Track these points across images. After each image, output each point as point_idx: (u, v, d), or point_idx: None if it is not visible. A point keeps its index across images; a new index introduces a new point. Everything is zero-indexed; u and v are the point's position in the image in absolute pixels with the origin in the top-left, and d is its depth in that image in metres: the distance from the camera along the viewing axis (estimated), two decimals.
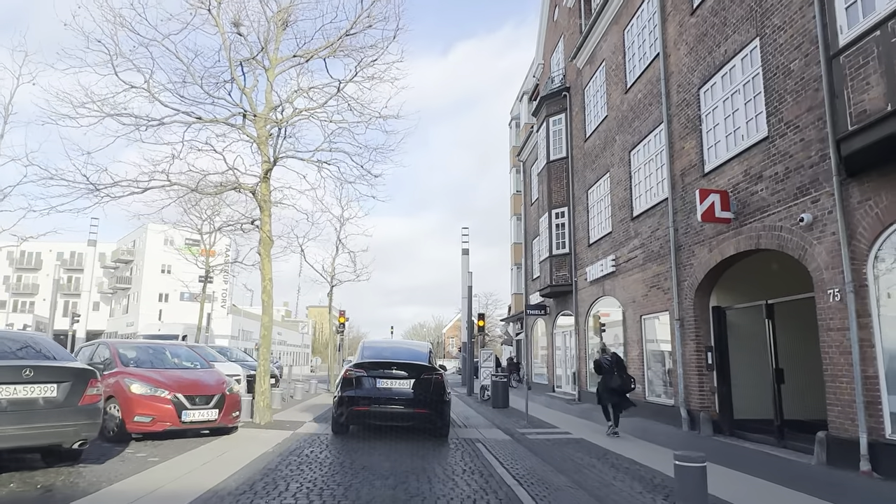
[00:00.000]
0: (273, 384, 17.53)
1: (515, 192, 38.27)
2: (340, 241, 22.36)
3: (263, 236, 11.27)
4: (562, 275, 19.86)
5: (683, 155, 11.99)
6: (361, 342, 11.78)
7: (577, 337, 18.96)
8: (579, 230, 19.10)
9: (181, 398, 8.52)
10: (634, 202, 14.65)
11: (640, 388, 13.94)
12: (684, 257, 11.83)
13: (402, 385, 9.36)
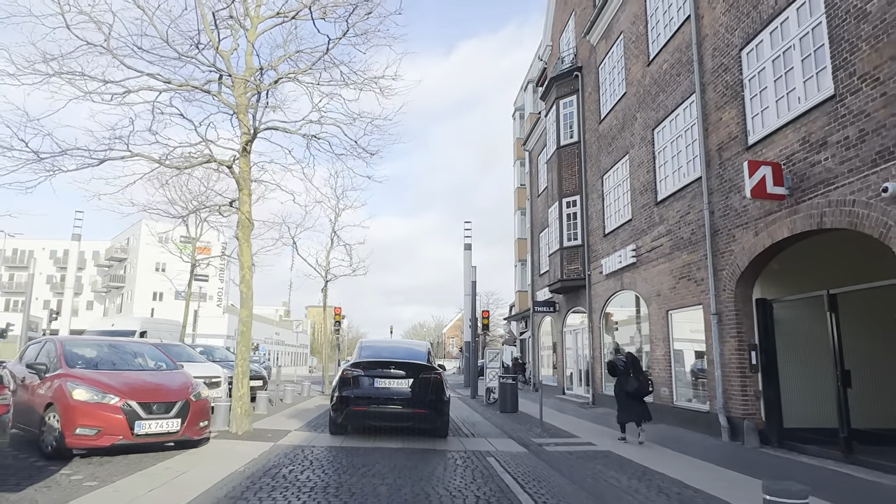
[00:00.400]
0: (260, 386, 16.09)
1: (519, 186, 36.83)
2: (335, 233, 20.94)
3: (242, 218, 9.83)
4: (574, 268, 18.41)
5: (721, 127, 10.54)
6: (359, 341, 11.44)
7: (591, 335, 17.52)
8: (593, 220, 17.66)
9: (134, 406, 7.07)
10: (659, 185, 13.20)
11: (667, 391, 12.51)
12: (722, 243, 10.39)
13: (400, 385, 9.17)
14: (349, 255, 20.95)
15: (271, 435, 9.67)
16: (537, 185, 25.29)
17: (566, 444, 9.94)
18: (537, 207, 25.08)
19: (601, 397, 16.50)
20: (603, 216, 16.79)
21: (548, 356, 24.28)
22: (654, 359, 13.13)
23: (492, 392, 18.26)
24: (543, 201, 23.56)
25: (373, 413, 9.04)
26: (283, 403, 16.13)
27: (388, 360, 9.51)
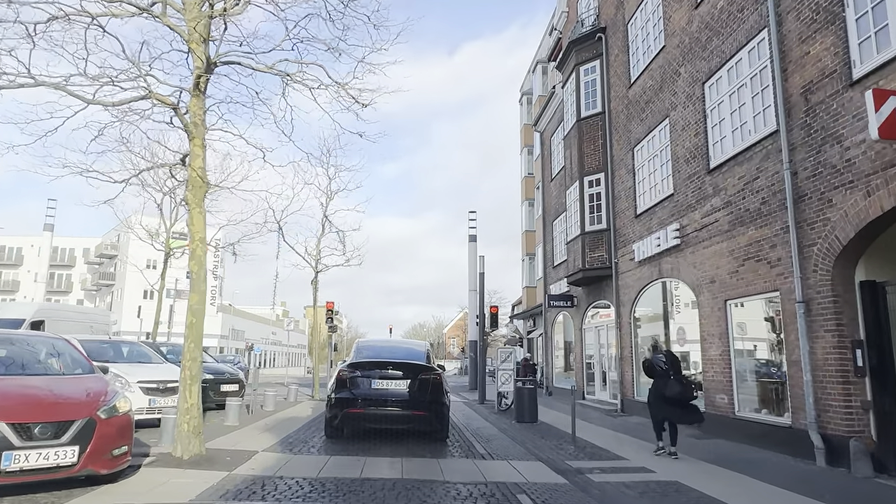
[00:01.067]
0: (236, 392, 13.80)
1: (527, 175, 34.56)
2: (327, 218, 18.63)
3: (193, 175, 7.55)
4: (597, 256, 16.11)
5: (808, 63, 8.25)
6: (357, 341, 11.04)
7: (619, 332, 15.22)
8: (621, 199, 15.36)
9: (3, 429, 4.77)
10: (713, 149, 10.91)
11: (725, 399, 10.20)
12: (812, 211, 8.09)
13: (398, 386, 8.84)
14: (342, 242, 18.68)
15: (230, 458, 7.38)
16: (551, 167, 23.00)
17: (614, 469, 7.64)
18: (550, 193, 22.78)
19: (632, 404, 14.21)
20: (634, 194, 14.50)
21: (560, 356, 21.99)
22: (707, 359, 10.83)
23: (504, 398, 15.98)
24: (559, 184, 21.26)
25: (370, 415, 8.70)
26: (262, 411, 13.83)
27: (385, 361, 9.13)
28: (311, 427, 11.04)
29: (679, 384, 8.21)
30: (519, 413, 13.09)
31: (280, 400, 17.21)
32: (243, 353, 69.19)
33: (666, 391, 8.18)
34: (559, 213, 21.29)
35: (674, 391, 8.14)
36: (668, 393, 8.16)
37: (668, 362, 8.42)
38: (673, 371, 8.33)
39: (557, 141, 21.92)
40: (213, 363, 14.40)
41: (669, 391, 8.15)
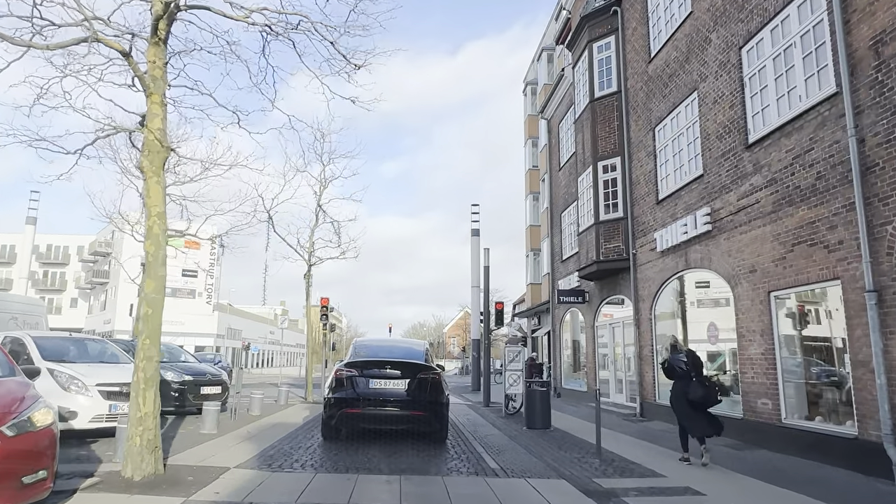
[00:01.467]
0: (218, 395, 12.55)
1: (532, 168, 33.33)
2: (321, 208, 17.36)
3: (149, 139, 6.30)
4: (613, 247, 14.86)
5: (880, 9, 7.00)
6: (354, 340, 11.00)
7: (638, 330, 13.96)
8: (640, 184, 14.11)
9: None
10: (752, 122, 9.66)
11: (769, 404, 8.95)
12: (885, 183, 6.84)
13: (396, 385, 8.67)
14: (337, 233, 17.40)
15: (192, 478, 6.12)
16: (559, 156, 21.74)
17: (653, 490, 6.38)
18: (559, 182, 21.52)
19: (653, 408, 12.96)
20: (655, 178, 13.24)
21: (569, 356, 20.74)
22: (746, 359, 9.57)
23: (512, 400, 14.74)
24: (568, 173, 20.00)
25: (368, 415, 8.51)
26: (247, 416, 12.58)
27: (383, 360, 8.93)
28: (297, 435, 9.78)
29: (702, 386, 7.53)
30: (530, 418, 11.84)
31: (269, 403, 15.96)
32: (239, 352, 68.25)
33: (690, 394, 7.52)
34: (568, 203, 20.03)
35: (697, 394, 7.47)
36: (691, 396, 7.50)
37: (688, 363, 7.74)
38: (695, 372, 7.66)
39: (567, 127, 20.66)
40: (193, 363, 13.14)
41: (692, 394, 7.49)
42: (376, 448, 8.58)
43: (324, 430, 9.13)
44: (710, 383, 7.74)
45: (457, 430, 11.44)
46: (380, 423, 8.78)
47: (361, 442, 9.12)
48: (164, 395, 11.67)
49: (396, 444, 8.92)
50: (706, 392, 7.47)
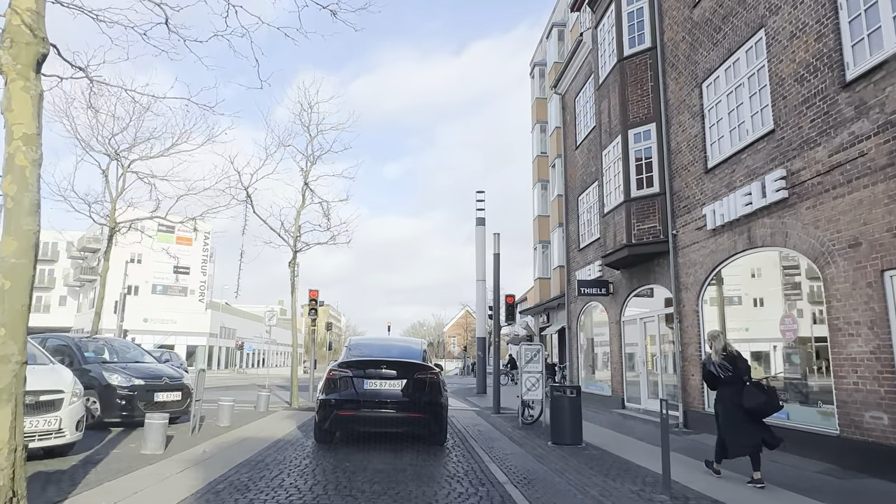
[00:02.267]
0: (177, 402, 10.38)
1: (540, 154, 31.21)
2: (308, 186, 15.15)
3: (13, 23, 4.15)
4: (648, 228, 12.69)
5: None
6: (349, 339, 10.40)
7: (680, 325, 11.80)
8: (682, 153, 11.95)
9: None
10: (850, 53, 7.50)
11: (885, 419, 6.78)
12: None
13: (392, 386, 8.28)
14: (326, 215, 15.21)
15: None
16: (575, 134, 19.57)
17: None
18: (575, 163, 19.34)
19: (700, 418, 10.81)
20: (703, 142, 11.08)
21: (588, 356, 18.58)
22: (845, 359, 7.40)
23: (529, 407, 12.59)
24: (588, 150, 17.83)
25: (363, 418, 8.22)
26: (214, 428, 10.43)
27: (379, 360, 8.63)
28: (265, 458, 7.61)
29: (761, 391, 6.38)
30: (556, 431, 9.67)
31: (247, 410, 13.82)
32: (233, 351, 65.77)
33: (744, 400, 6.31)
34: (587, 184, 17.87)
35: (756, 400, 6.29)
36: (749, 403, 6.29)
37: (737, 366, 6.57)
38: (746, 375, 6.55)
39: (585, 100, 18.51)
40: (149, 364, 10.96)
41: (749, 400, 6.29)
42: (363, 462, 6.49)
43: (316, 433, 8.81)
44: (769, 387, 6.61)
45: (468, 446, 9.29)
46: (375, 426, 8.43)
47: (346, 455, 6.98)
48: (108, 403, 9.59)
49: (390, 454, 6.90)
50: (767, 398, 6.32)
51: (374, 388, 8.26)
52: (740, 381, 6.46)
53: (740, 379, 6.47)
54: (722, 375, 6.52)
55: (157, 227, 57.44)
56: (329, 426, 8.43)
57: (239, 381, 32.81)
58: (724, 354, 6.63)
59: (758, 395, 6.31)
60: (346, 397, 8.20)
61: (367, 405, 8.13)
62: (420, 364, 8.63)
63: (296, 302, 15.62)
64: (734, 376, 6.48)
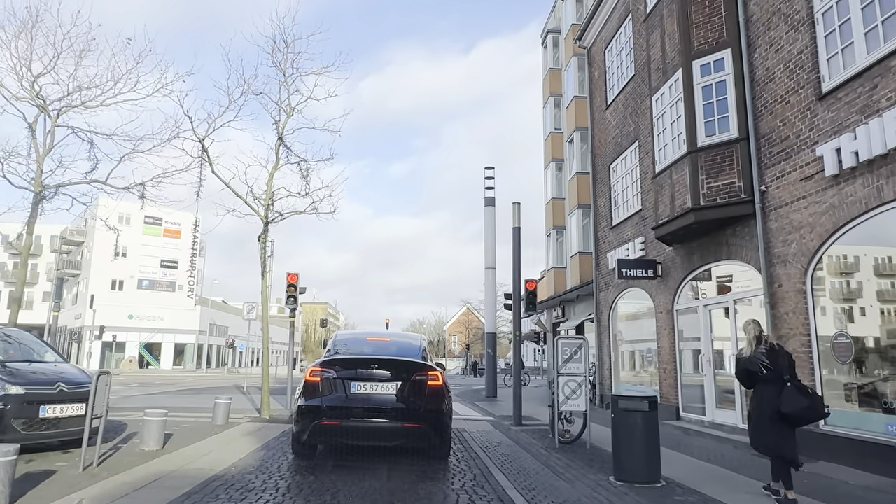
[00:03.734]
0: (79, 418, 7.32)
1: (554, 130, 28.16)
2: (282, 142, 12.09)
3: None
4: (723, 185, 9.65)
5: None
6: (335, 333, 9.07)
7: (772, 311, 8.78)
8: (773, 81, 8.92)
9: None
10: None
11: None
12: None
13: (385, 390, 6.90)
14: (304, 177, 12.12)
15: None
16: (605, 91, 16.52)
17: None
18: (607, 125, 16.29)
19: (813, 439, 7.77)
20: (814, 59, 8.04)
21: (621, 354, 15.57)
22: None
23: (567, 422, 9.58)
24: (624, 106, 14.80)
25: (349, 429, 6.73)
26: (135, 454, 7.40)
27: (369, 358, 7.26)
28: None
29: (803, 395, 5.41)
30: (623, 463, 6.63)
31: (202, 422, 10.80)
32: (227, 349, 62.35)
33: (782, 405, 5.38)
34: (622, 148, 14.84)
35: (797, 405, 5.34)
36: (787, 408, 5.37)
37: (779, 361, 5.56)
38: (788, 374, 5.51)
39: (619, 48, 15.47)
40: (45, 366, 7.88)
41: (788, 405, 5.36)
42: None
43: (294, 447, 7.49)
44: (812, 391, 5.82)
45: (493, 484, 6.26)
46: (364, 439, 7.02)
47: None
48: None
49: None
50: (810, 403, 5.41)
51: (363, 392, 6.86)
52: (780, 379, 5.52)
53: (780, 377, 5.52)
54: (765, 369, 5.58)
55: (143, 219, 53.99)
56: (308, 438, 6.99)
57: (222, 382, 29.78)
58: (761, 348, 5.69)
59: (798, 399, 5.39)
60: (329, 403, 6.82)
61: (353, 413, 6.75)
62: (419, 363, 7.27)
63: (267, 288, 12.56)
64: (774, 374, 5.55)
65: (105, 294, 55.11)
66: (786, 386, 5.48)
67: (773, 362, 5.58)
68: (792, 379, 5.55)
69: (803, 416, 5.46)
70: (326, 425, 6.81)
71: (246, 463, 7.12)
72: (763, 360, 5.62)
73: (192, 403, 14.87)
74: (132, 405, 14.43)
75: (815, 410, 5.46)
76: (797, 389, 5.46)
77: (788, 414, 5.38)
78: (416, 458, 7.60)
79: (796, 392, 5.43)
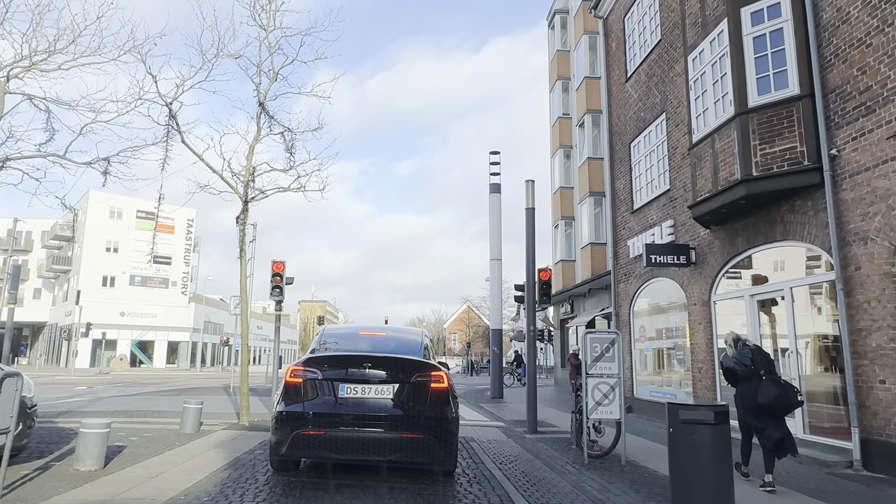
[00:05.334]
0: None
1: (562, 116, 26.62)
2: (264, 109, 10.57)
3: None
4: (780, 151, 8.14)
5: None
6: (322, 328, 7.44)
7: (847, 299, 7.29)
8: (848, 22, 7.43)
9: None
10: None
11: None
12: None
13: (380, 394, 5.79)
14: (289, 149, 10.59)
15: None
16: (625, 63, 15.00)
17: None
18: (626, 100, 14.78)
19: (891, 451, 6.28)
20: None
21: (644, 351, 14.08)
22: None
23: (597, 432, 8.08)
24: (648, 76, 13.29)
25: (337, 440, 5.58)
26: (65, 476, 5.91)
27: (362, 355, 6.08)
28: None
29: (775, 385, 6.07)
30: (684, 494, 5.13)
31: (170, 429, 9.31)
32: (222, 346, 60.88)
33: (758, 396, 6.05)
34: (646, 123, 13.35)
35: (769, 394, 5.99)
36: (761, 398, 6.02)
37: (755, 360, 6.25)
38: (765, 370, 6.18)
39: (643, 10, 13.95)
40: None
41: (763, 395, 6.03)
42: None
43: (272, 460, 6.29)
44: (786, 383, 6.22)
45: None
46: (354, 453, 5.63)
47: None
48: None
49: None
50: (781, 392, 6.00)
51: (354, 396, 5.76)
52: (758, 376, 6.16)
53: (758, 374, 6.16)
54: (744, 368, 6.24)
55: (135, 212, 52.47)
56: (289, 451, 5.74)
57: (211, 382, 28.27)
58: (745, 350, 6.34)
59: (770, 388, 6.02)
60: (314, 410, 5.71)
61: (341, 421, 5.64)
62: (420, 362, 6.14)
63: (245, 276, 11.03)
64: (753, 371, 6.19)
65: (96, 290, 53.55)
66: (761, 380, 6.10)
67: (752, 361, 6.22)
68: (768, 374, 6.14)
69: (776, 405, 6.02)
70: (310, 436, 5.67)
71: (203, 489, 5.62)
72: (746, 360, 6.22)
73: (167, 406, 13.37)
74: (100, 409, 12.94)
75: (787, 399, 6.05)
76: (771, 382, 6.07)
77: (763, 403, 6.01)
78: (418, 476, 6.12)
79: (770, 384, 6.04)
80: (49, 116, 11.29)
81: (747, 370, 6.24)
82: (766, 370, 6.20)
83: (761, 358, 6.30)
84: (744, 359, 6.28)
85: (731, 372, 6.44)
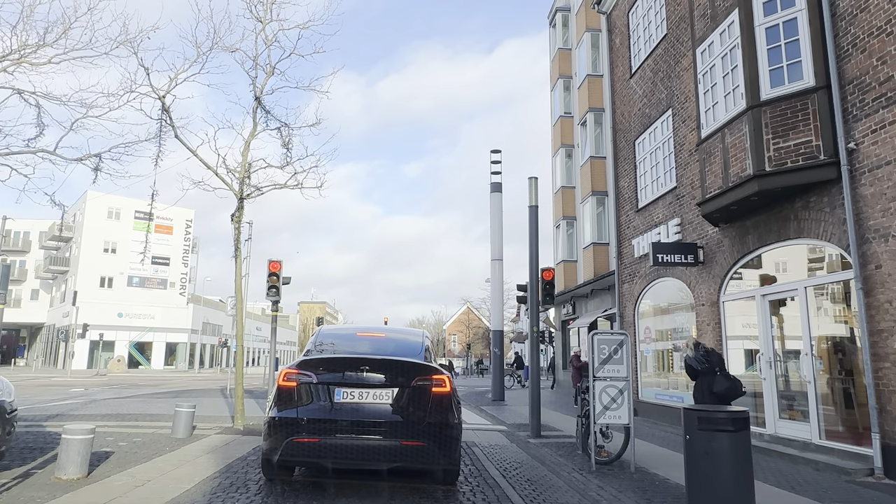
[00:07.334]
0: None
1: (564, 115, 26.34)
2: (260, 104, 10.26)
3: None
4: (795, 145, 7.83)
5: None
6: (318, 328, 7.16)
7: (867, 299, 6.98)
8: (867, 10, 7.12)
9: None
10: None
11: None
12: None
13: (379, 398, 5.49)
14: (285, 145, 10.28)
15: None
16: (629, 58, 14.71)
17: None
18: (630, 97, 14.48)
19: None
20: None
21: (648, 352, 13.77)
22: None
23: (605, 437, 7.76)
24: (654, 71, 12.99)
25: (333, 447, 5.29)
26: (45, 486, 5.58)
27: (359, 358, 5.79)
28: None
29: (726, 379, 7.30)
30: None
31: (162, 434, 8.99)
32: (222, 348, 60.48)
33: (714, 387, 7.22)
34: (651, 120, 13.06)
35: (721, 386, 7.20)
36: (716, 388, 7.22)
37: (709, 359, 7.46)
38: (718, 367, 7.45)
39: (648, 4, 13.65)
40: None
41: (717, 386, 7.22)
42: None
43: (264, 468, 5.89)
44: (733, 377, 7.46)
45: None
46: (351, 461, 5.34)
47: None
48: None
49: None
50: (731, 384, 7.23)
51: (350, 401, 5.47)
52: (713, 371, 7.34)
53: (713, 370, 7.34)
54: (699, 367, 7.42)
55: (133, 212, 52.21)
56: (281, 459, 5.47)
57: (209, 383, 27.90)
58: (700, 351, 7.58)
59: (723, 381, 7.23)
60: (308, 415, 5.43)
61: (338, 428, 5.35)
62: (421, 365, 5.84)
63: (240, 275, 10.71)
64: (709, 368, 7.36)
65: (94, 291, 53.21)
66: (716, 375, 7.30)
67: (707, 360, 7.43)
68: (720, 371, 7.40)
69: (727, 395, 7.17)
70: (303, 443, 5.40)
71: (190, 498, 5.31)
72: (701, 359, 7.46)
73: (161, 409, 13.04)
74: (93, 412, 12.62)
75: (735, 390, 7.25)
76: (723, 377, 7.30)
77: (716, 393, 7.17)
78: (419, 486, 5.80)
79: (723, 378, 7.27)
80: (39, 111, 10.97)
81: (705, 367, 7.44)
82: (719, 367, 7.50)
83: (716, 357, 7.60)
84: (702, 358, 7.49)
85: (692, 368, 7.61)
